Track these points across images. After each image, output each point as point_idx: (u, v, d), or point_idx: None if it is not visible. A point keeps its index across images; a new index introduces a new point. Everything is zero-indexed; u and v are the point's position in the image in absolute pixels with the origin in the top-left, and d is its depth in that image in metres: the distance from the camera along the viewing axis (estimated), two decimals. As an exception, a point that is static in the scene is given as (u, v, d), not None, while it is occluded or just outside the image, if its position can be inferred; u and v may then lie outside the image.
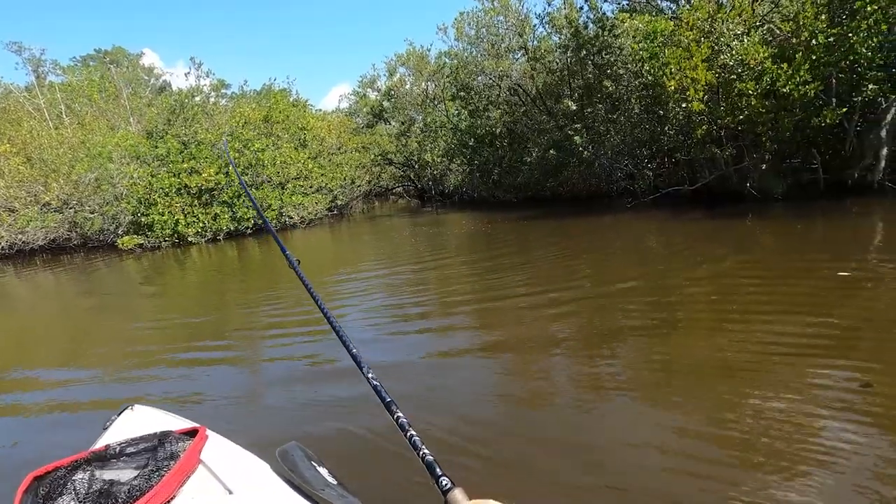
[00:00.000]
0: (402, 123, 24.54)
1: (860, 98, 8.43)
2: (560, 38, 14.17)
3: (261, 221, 15.67)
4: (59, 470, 1.36)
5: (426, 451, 0.87)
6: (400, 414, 0.97)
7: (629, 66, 11.89)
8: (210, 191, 14.83)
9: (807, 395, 2.64)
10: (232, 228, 15.39)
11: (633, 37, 11.22)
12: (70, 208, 14.78)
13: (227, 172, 14.91)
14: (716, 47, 9.13)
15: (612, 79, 12.41)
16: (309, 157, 17.93)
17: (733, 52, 9.05)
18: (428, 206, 20.63)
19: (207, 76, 20.15)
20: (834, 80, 8.61)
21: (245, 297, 7.22)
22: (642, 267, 6.19)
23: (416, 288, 6.43)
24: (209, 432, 1.59)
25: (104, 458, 1.42)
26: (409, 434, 0.92)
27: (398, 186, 29.67)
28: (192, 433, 1.55)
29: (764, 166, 9.72)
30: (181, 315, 6.37)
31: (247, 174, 15.59)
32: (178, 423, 1.72)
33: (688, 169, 11.56)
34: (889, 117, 8.46)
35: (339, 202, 20.10)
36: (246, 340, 4.90)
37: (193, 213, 14.66)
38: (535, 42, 15.94)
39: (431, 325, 4.73)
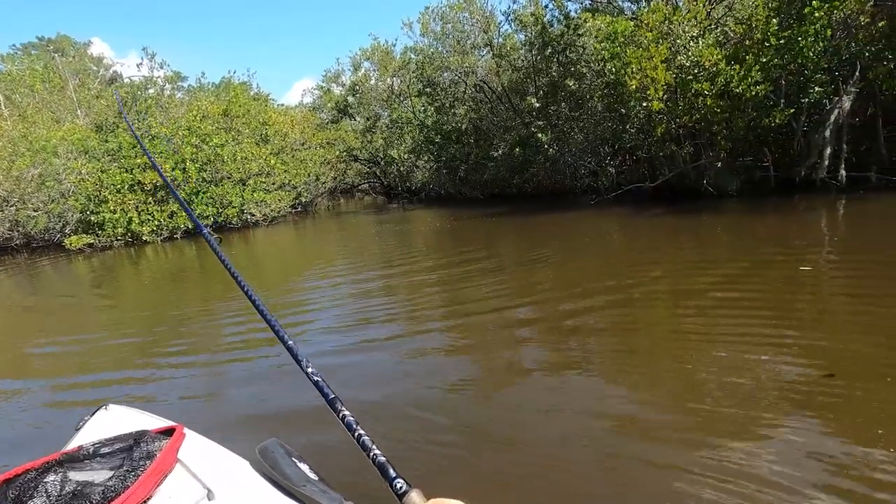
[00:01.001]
0: (368, 119, 24.24)
1: (807, 99, 8.85)
2: (525, 36, 14.28)
3: (222, 218, 15.20)
4: (30, 472, 1.31)
5: (377, 451, 0.82)
6: (346, 412, 0.92)
7: (592, 65, 12.11)
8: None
9: (770, 384, 2.74)
10: (190, 226, 14.80)
11: (596, 37, 11.42)
12: (11, 206, 13.87)
13: (184, 168, 14.32)
14: (673, 48, 9.40)
15: (576, 77, 12.60)
16: (271, 153, 17.47)
17: (689, 53, 9.35)
18: (394, 203, 20.46)
19: (161, 67, 19.31)
20: (783, 82, 9.01)
21: (206, 297, 6.95)
22: (606, 263, 6.32)
23: (381, 290, 6.35)
24: (187, 430, 1.55)
25: (77, 459, 1.37)
26: (357, 434, 0.87)
27: (364, 183, 29.32)
28: (168, 432, 1.51)
29: (719, 164, 10.09)
30: (138, 319, 6.06)
31: (206, 170, 15.03)
32: (154, 422, 1.68)
33: (648, 166, 11.87)
34: (832, 118, 8.92)
35: (303, 199, 19.68)
36: (209, 340, 4.71)
37: (148, 210, 14.03)
38: (501, 39, 16.03)
39: (400, 331, 4.66)
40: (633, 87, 9.53)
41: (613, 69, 10.13)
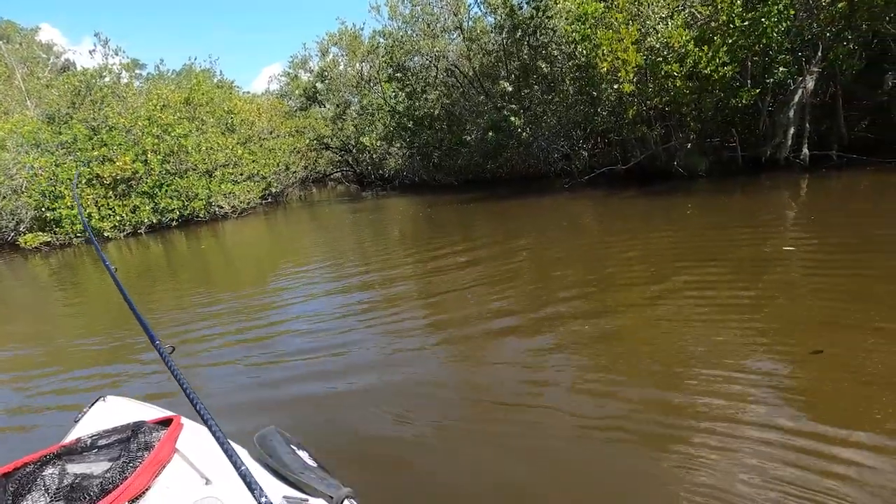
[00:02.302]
0: (338, 106, 23.68)
1: (772, 80, 9.02)
2: (495, 19, 14.10)
3: (188, 212, 14.66)
4: (28, 466, 1.32)
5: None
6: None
7: (563, 47, 12.05)
8: (127, 181, 13.62)
9: (753, 361, 2.76)
10: (154, 221, 14.27)
11: (566, 18, 11.35)
12: (-42, 204, 13.06)
13: (145, 160, 13.71)
14: (643, 29, 9.42)
15: (547, 60, 12.54)
16: (238, 143, 16.90)
17: (659, 34, 9.38)
18: (368, 192, 20.16)
19: (116, 54, 18.36)
20: (749, 63, 9.15)
21: (180, 295, 6.69)
22: (581, 248, 6.34)
23: (358, 283, 6.22)
24: (184, 420, 1.56)
25: (75, 451, 1.38)
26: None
27: (336, 172, 28.77)
28: (166, 422, 1.51)
29: (689, 145, 10.24)
30: (108, 319, 5.79)
31: (169, 161, 14.43)
32: (152, 412, 1.68)
33: (620, 149, 11.96)
34: (796, 98, 9.12)
35: (273, 189, 19.18)
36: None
37: (108, 205, 13.42)
38: (471, 22, 15.79)
39: (378, 323, 4.57)
40: (605, 69, 9.52)
41: (584, 51, 10.09)
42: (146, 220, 13.99)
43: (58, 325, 5.93)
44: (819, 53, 8.70)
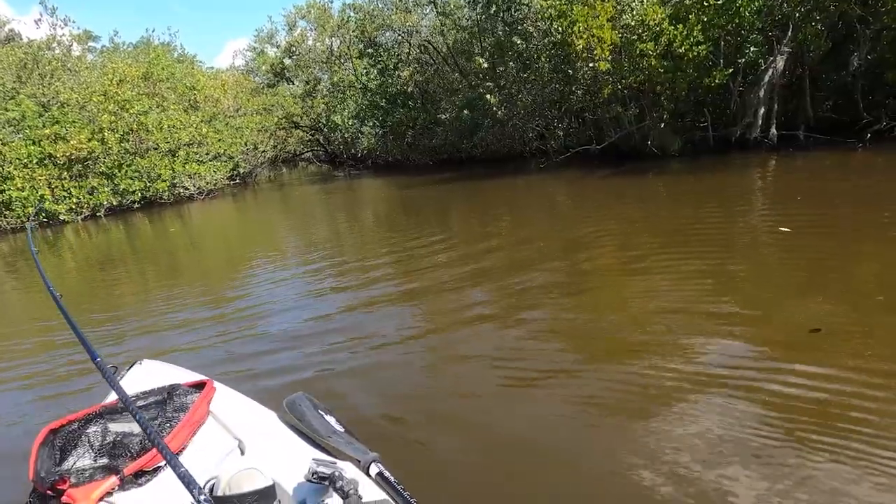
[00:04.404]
0: (307, 83, 22.92)
1: (743, 60, 9.10)
2: (469, -7, 13.75)
3: (151, 193, 14.04)
4: (73, 423, 1.40)
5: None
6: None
7: (538, 23, 11.86)
8: (83, 160, 12.89)
9: (753, 338, 2.78)
10: (114, 203, 13.62)
11: (541, -7, 11.14)
12: None
13: (102, 139, 12.98)
14: (619, 6, 9.33)
15: (523, 37, 12.33)
16: (202, 121, 16.17)
17: (634, 12, 9.31)
18: (340, 172, 19.72)
19: (66, 24, 17.17)
20: (722, 43, 9.20)
21: (145, 288, 6.38)
22: (557, 229, 6.32)
23: (332, 267, 6.06)
24: (217, 384, 1.63)
25: (116, 411, 1.45)
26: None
27: (307, 151, 28.04)
28: (200, 385, 1.58)
29: (662, 125, 10.31)
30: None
31: (128, 140, 13.71)
32: (186, 375, 1.75)
33: (595, 128, 11.96)
34: (766, 78, 9.25)
35: (241, 170, 18.54)
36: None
37: (63, 186, 12.70)
38: (444, -4, 15.37)
39: (356, 310, 4.45)
40: (580, 46, 9.41)
41: (560, 28, 9.94)
42: (105, 203, 13.33)
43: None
44: (789, 33, 8.80)
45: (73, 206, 12.82)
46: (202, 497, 0.77)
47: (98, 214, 13.31)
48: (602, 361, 2.81)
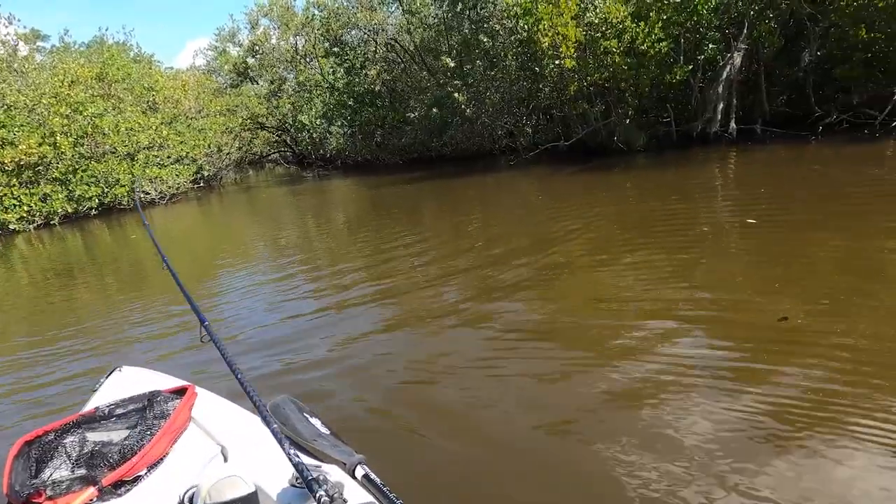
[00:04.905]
0: (272, 83, 22.42)
1: (702, 56, 9.38)
2: (435, -9, 13.71)
3: (110, 199, 13.47)
4: (49, 434, 1.36)
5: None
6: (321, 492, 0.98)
7: (504, 21, 11.92)
8: (34, 166, 12.25)
9: (723, 329, 2.84)
10: (70, 210, 13.00)
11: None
12: None
13: (54, 143, 12.36)
14: (583, 4, 9.47)
15: (489, 35, 12.37)
16: (162, 123, 15.60)
17: (597, 10, 9.47)
18: (309, 173, 19.38)
19: (10, 23, 16.28)
20: (682, 40, 9.45)
21: (107, 297, 6.10)
22: (527, 226, 6.37)
23: (304, 273, 5.94)
24: (199, 389, 1.60)
25: (94, 420, 1.43)
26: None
27: (274, 153, 27.45)
28: (181, 391, 1.55)
29: (627, 121, 10.52)
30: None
31: (83, 144, 13.11)
32: (167, 381, 1.72)
33: (562, 125, 12.11)
34: (724, 74, 9.55)
35: (205, 173, 17.99)
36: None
37: (13, 194, 12.04)
38: (410, -6, 15.26)
39: (328, 315, 4.36)
40: (546, 44, 9.51)
41: (526, 26, 10.03)
42: (60, 210, 12.70)
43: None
44: (745, 31, 9.11)
45: (24, 215, 12.17)
46: None
47: (52, 223, 12.68)
48: (575, 354, 2.83)
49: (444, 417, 2.43)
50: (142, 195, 14.38)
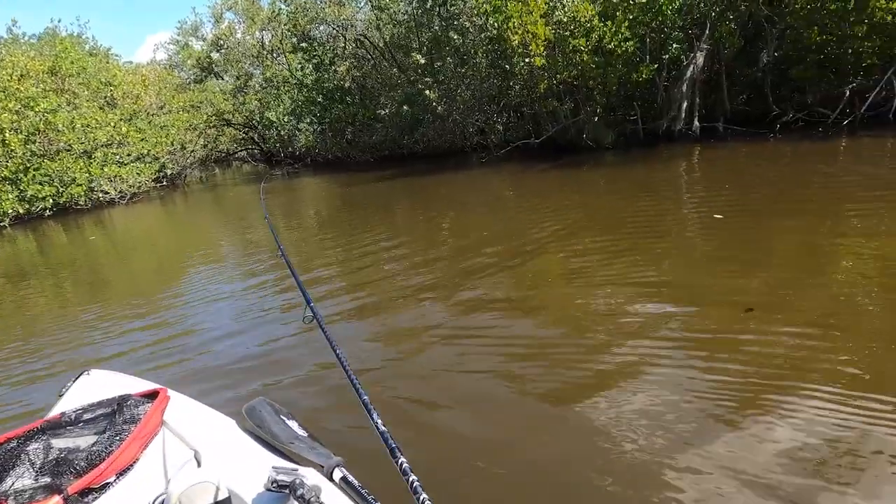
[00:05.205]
0: (238, 78, 21.87)
1: (667, 56, 9.62)
2: (404, -13, 13.61)
3: (65, 199, 12.87)
4: (10, 442, 1.31)
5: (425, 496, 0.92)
6: (403, 459, 1.03)
7: (475, 19, 11.94)
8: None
9: (692, 321, 2.91)
10: (22, 211, 12.35)
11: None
12: None
13: (3, 140, 11.71)
14: (551, 3, 9.56)
15: (459, 32, 12.37)
16: (121, 119, 14.99)
17: (566, 8, 9.58)
18: (277, 171, 18.97)
19: (-48, 13, 15.29)
20: (648, 39, 9.66)
21: (63, 306, 5.81)
22: (499, 222, 6.39)
23: (274, 280, 5.80)
24: (171, 393, 1.56)
25: (59, 425, 1.38)
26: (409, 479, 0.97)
27: (241, 150, 26.79)
28: (152, 395, 1.51)
29: (596, 119, 10.70)
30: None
31: (34, 141, 12.47)
32: (138, 385, 1.67)
33: (533, 122, 12.22)
34: (688, 74, 9.82)
35: (168, 171, 17.40)
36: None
37: (-42, 195, 11.36)
38: (379, -10, 15.11)
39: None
40: (516, 42, 9.57)
41: (495, 23, 10.06)
42: (10, 211, 12.06)
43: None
44: (707, 31, 9.39)
45: (-30, 217, 11.51)
46: None
47: (2, 224, 12.02)
48: (548, 346, 2.85)
49: (422, 416, 2.41)
50: (100, 195, 13.79)
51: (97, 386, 1.67)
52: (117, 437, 1.30)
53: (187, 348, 3.56)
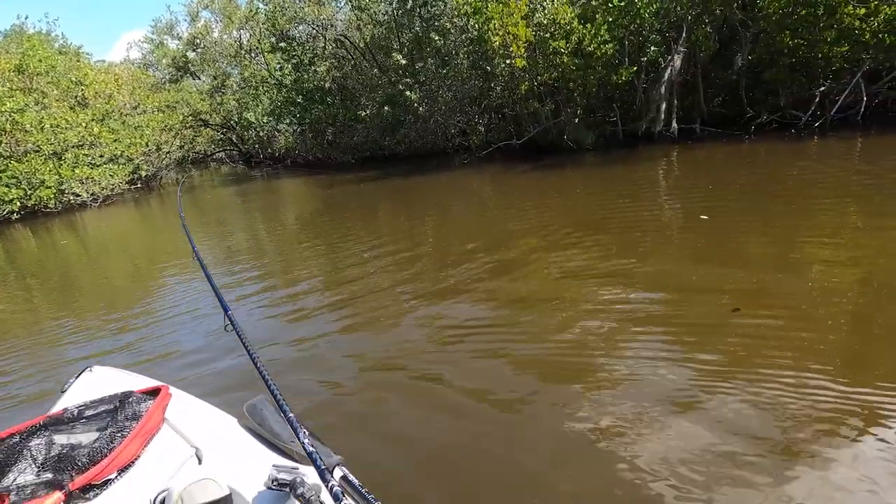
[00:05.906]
0: (215, 78, 21.47)
1: (645, 58, 9.76)
2: (384, -13, 13.53)
3: (34, 202, 12.45)
4: (14, 437, 1.32)
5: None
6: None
7: (455, 20, 11.94)
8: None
9: (678, 321, 2.93)
10: (-14, 213, 11.90)
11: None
12: None
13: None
14: (532, 4, 9.62)
15: (440, 33, 12.35)
16: (93, 119, 14.57)
17: (546, 11, 9.65)
18: (257, 172, 18.68)
19: (-89, 8, 14.67)
20: (626, 42, 9.79)
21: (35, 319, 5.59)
22: (482, 224, 6.39)
23: (257, 279, 5.69)
24: (173, 390, 1.56)
25: (62, 421, 1.39)
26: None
27: (219, 151, 26.30)
28: (154, 392, 1.51)
29: (577, 120, 10.79)
30: None
31: (0, 142, 12.01)
32: (140, 382, 1.68)
33: (514, 124, 12.28)
34: (666, 76, 9.98)
35: (143, 173, 16.97)
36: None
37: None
38: (359, -11, 14.99)
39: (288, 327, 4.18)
40: (497, 43, 9.60)
41: (477, 25, 10.08)
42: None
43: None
44: (683, 34, 9.55)
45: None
46: None
47: (-34, 228, 11.57)
48: (534, 345, 2.85)
49: (419, 413, 2.40)
50: (70, 197, 13.37)
51: (99, 382, 1.68)
52: (119, 434, 1.31)
53: (172, 349, 3.46)
